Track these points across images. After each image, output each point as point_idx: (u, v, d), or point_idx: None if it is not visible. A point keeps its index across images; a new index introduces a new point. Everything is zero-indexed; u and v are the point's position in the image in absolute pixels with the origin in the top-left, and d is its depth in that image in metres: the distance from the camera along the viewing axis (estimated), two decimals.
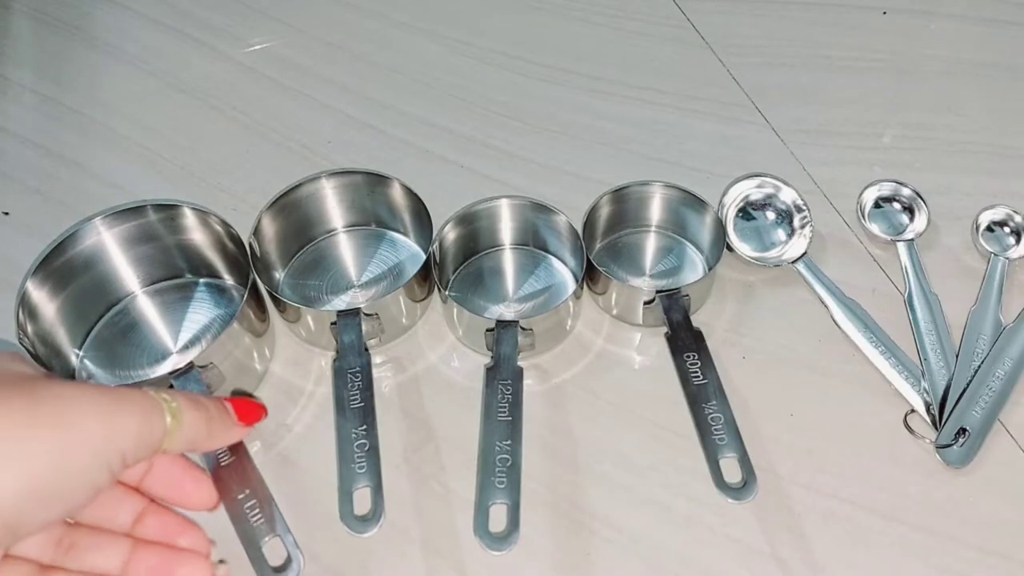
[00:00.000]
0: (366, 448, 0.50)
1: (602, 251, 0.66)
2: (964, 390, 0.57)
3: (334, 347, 0.57)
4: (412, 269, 0.63)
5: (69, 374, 0.58)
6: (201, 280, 0.63)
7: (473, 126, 0.75)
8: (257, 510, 0.41)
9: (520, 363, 0.55)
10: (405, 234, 0.66)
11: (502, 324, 0.56)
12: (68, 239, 0.57)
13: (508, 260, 0.65)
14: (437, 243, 0.61)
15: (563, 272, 0.64)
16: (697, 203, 0.63)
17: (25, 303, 0.54)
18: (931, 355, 0.59)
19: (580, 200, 0.64)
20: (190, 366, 0.51)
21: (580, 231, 0.61)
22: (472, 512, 0.48)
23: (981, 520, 0.53)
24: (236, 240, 0.58)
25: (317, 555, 0.52)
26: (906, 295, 0.62)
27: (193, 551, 0.40)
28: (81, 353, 0.59)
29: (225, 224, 0.59)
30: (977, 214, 0.67)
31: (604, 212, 0.64)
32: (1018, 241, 0.65)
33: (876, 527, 0.52)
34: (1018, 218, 0.66)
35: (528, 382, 0.59)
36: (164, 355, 0.59)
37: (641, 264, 0.65)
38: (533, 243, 0.65)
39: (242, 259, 0.58)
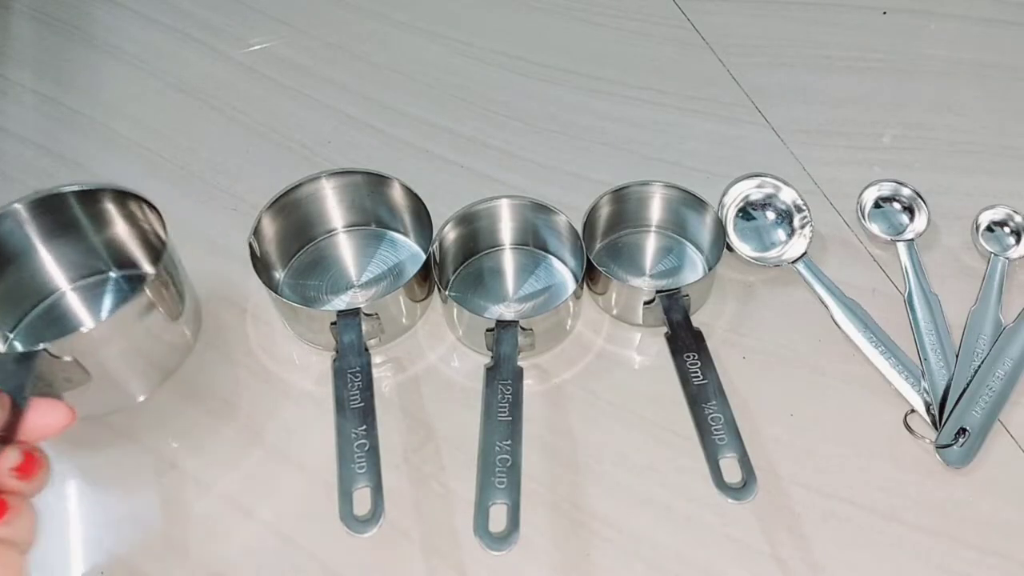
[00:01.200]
0: (366, 448, 0.50)
1: (602, 251, 0.66)
2: (964, 390, 0.57)
3: (334, 347, 0.57)
4: (412, 269, 0.63)
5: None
6: (115, 274, 0.63)
7: (473, 126, 0.75)
8: None
9: (520, 363, 0.55)
10: (405, 234, 0.66)
11: (502, 324, 0.56)
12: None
13: (508, 260, 0.65)
14: (437, 243, 0.61)
15: (563, 272, 0.64)
16: (697, 203, 0.63)
17: None
18: (931, 355, 0.59)
19: (580, 200, 0.64)
20: (35, 351, 0.50)
21: (580, 231, 0.61)
22: (472, 512, 0.48)
23: (981, 520, 0.53)
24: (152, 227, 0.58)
25: (317, 555, 0.52)
26: (906, 295, 0.62)
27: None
28: (12, 336, 0.60)
29: (144, 208, 0.59)
30: (977, 214, 0.67)
31: (604, 212, 0.64)
32: (1018, 241, 0.65)
33: (876, 527, 0.52)
34: (1018, 218, 0.66)
35: (528, 382, 0.59)
36: None
37: (641, 264, 0.65)
38: (533, 243, 0.65)
39: (157, 244, 0.58)
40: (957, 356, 0.59)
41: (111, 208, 0.61)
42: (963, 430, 0.55)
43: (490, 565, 0.51)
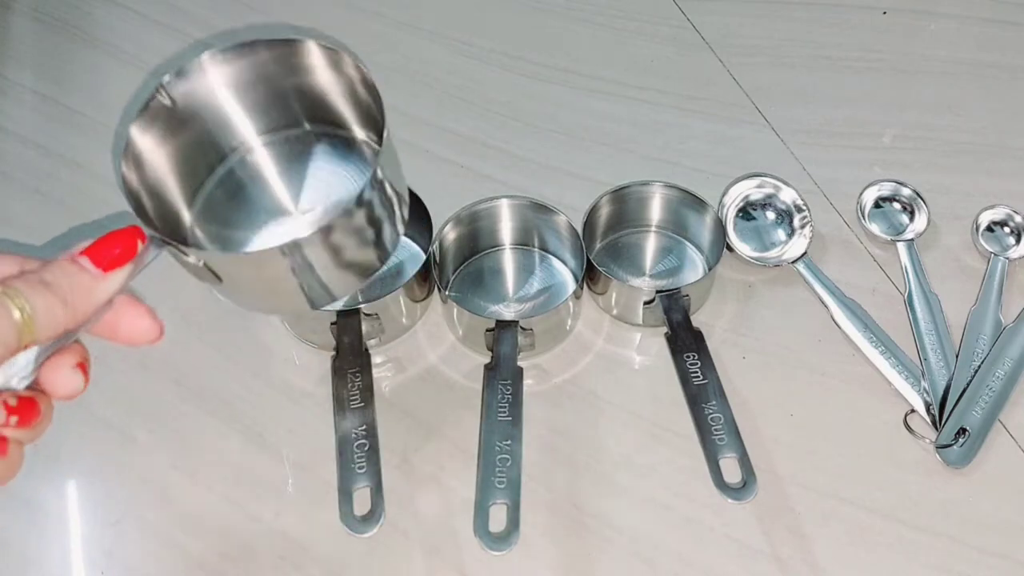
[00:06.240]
0: (366, 448, 0.50)
1: (602, 251, 0.66)
2: (964, 390, 0.57)
3: (334, 347, 0.57)
4: (412, 269, 0.63)
5: (182, 238, 0.46)
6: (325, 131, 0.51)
7: (473, 126, 0.75)
8: None
9: (520, 363, 0.55)
10: (405, 234, 0.66)
11: (502, 324, 0.56)
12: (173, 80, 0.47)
13: (508, 260, 0.65)
14: (437, 243, 0.61)
15: (563, 272, 0.64)
16: (697, 203, 0.63)
17: (129, 150, 0.44)
18: (931, 355, 0.59)
19: (580, 200, 0.64)
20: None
21: (580, 231, 0.61)
22: (472, 512, 0.48)
23: (981, 520, 0.53)
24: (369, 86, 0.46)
25: (317, 555, 0.52)
26: (906, 295, 0.62)
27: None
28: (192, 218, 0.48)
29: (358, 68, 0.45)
30: (977, 214, 0.67)
31: (604, 212, 0.64)
32: (1018, 241, 0.65)
33: (876, 527, 0.53)
34: (1018, 218, 0.66)
35: (528, 382, 0.59)
36: (282, 214, 0.48)
37: (641, 264, 0.65)
38: (533, 243, 0.65)
39: (375, 108, 0.46)
40: (957, 356, 0.59)
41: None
42: (963, 430, 0.55)
43: (490, 565, 0.51)
